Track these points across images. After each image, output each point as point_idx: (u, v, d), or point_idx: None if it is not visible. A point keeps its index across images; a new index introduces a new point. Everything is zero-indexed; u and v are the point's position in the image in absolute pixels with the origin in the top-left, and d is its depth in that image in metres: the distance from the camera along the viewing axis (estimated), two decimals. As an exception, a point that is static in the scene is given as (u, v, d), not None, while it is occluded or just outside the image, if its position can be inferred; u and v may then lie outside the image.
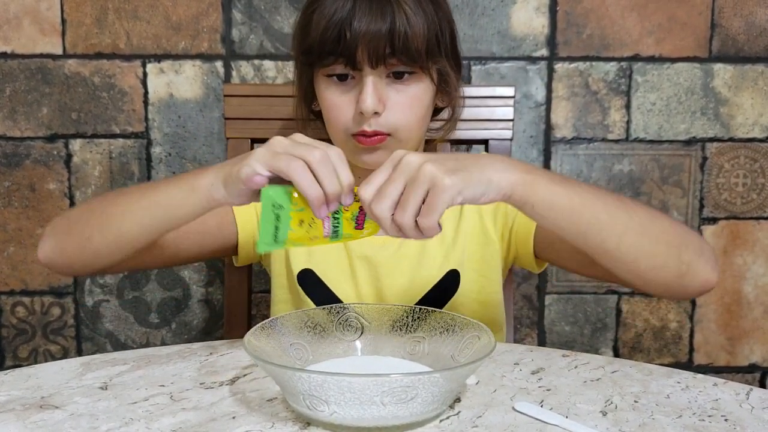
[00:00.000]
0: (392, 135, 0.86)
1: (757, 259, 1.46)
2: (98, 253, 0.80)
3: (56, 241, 0.83)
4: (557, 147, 1.42)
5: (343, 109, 0.86)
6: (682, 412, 0.62)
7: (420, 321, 0.72)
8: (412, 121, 0.87)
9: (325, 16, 0.82)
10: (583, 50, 1.40)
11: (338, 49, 0.82)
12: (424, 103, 0.88)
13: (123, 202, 0.79)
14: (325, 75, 0.87)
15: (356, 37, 0.81)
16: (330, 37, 0.82)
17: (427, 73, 0.86)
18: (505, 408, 0.62)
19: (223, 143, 1.41)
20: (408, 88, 0.86)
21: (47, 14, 1.37)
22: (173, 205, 0.74)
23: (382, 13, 0.81)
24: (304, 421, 0.59)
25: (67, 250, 0.82)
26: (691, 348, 1.48)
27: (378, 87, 0.84)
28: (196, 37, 1.38)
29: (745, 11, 1.39)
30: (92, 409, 0.62)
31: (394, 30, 0.81)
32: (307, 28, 0.86)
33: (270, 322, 0.68)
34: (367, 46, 0.81)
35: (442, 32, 0.87)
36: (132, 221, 0.77)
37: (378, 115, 0.84)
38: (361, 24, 0.81)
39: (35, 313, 1.45)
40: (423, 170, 0.62)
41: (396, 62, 0.83)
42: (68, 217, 0.85)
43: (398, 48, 0.82)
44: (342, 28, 0.81)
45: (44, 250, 0.84)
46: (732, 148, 1.43)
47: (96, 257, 0.81)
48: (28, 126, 1.40)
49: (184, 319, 1.46)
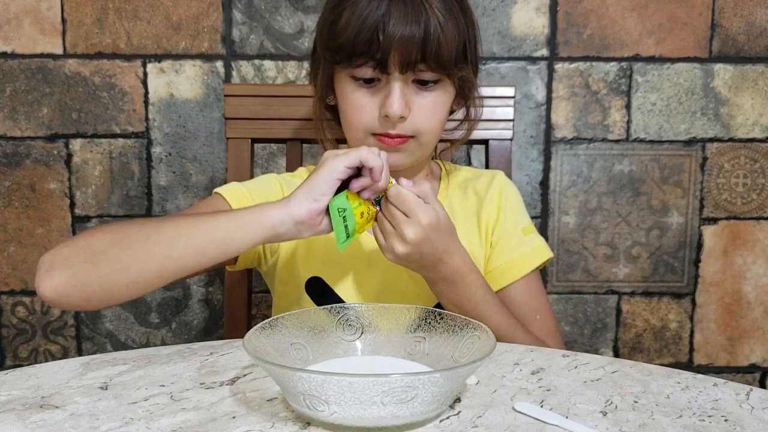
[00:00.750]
0: (414, 138, 0.87)
1: (757, 260, 1.46)
2: (133, 284, 0.73)
3: (74, 273, 0.73)
4: (557, 147, 1.42)
5: (367, 111, 0.86)
6: (682, 413, 0.62)
7: (420, 321, 0.72)
8: (435, 125, 0.88)
9: (358, 17, 0.81)
10: (584, 50, 1.40)
11: (370, 51, 0.81)
12: (446, 107, 0.89)
13: (173, 228, 0.74)
14: (350, 76, 0.86)
15: (389, 41, 0.80)
16: (362, 40, 0.81)
17: (452, 80, 0.86)
18: (505, 408, 0.62)
19: (223, 143, 1.41)
20: (432, 93, 0.86)
21: (48, 14, 1.37)
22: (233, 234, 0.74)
23: (417, 19, 0.80)
24: (304, 421, 0.59)
25: (91, 282, 0.73)
26: (691, 348, 1.48)
27: (405, 92, 0.84)
28: (197, 37, 1.38)
29: (745, 11, 1.39)
30: (92, 408, 0.62)
31: (428, 36, 0.81)
32: (335, 25, 0.84)
33: (270, 322, 0.68)
34: (400, 52, 0.81)
35: (469, 39, 0.87)
36: (185, 247, 0.73)
37: (403, 119, 0.85)
38: (396, 29, 0.80)
39: (35, 313, 1.45)
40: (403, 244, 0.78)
41: (425, 68, 0.83)
42: (88, 245, 0.74)
43: (430, 55, 0.81)
44: (375, 32, 0.80)
45: (54, 284, 0.72)
46: (732, 149, 1.43)
47: (127, 289, 0.74)
48: (28, 126, 1.40)
49: (184, 319, 1.46)
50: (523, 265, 0.94)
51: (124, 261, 0.73)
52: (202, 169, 1.42)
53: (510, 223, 0.96)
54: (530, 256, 0.95)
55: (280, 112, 1.09)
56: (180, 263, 0.74)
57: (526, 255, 0.95)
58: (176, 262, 0.74)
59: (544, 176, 1.43)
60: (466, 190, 0.99)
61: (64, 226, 1.42)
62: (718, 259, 1.46)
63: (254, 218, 0.74)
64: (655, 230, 1.45)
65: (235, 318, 1.11)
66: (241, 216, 0.75)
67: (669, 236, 1.45)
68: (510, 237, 0.95)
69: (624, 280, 1.46)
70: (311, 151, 1.32)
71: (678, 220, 1.45)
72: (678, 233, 1.45)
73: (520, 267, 0.94)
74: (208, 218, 0.75)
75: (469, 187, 0.99)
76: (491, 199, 0.97)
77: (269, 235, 0.75)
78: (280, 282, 0.97)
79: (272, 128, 1.10)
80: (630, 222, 1.44)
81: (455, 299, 0.85)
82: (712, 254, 1.46)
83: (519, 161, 1.42)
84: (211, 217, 0.75)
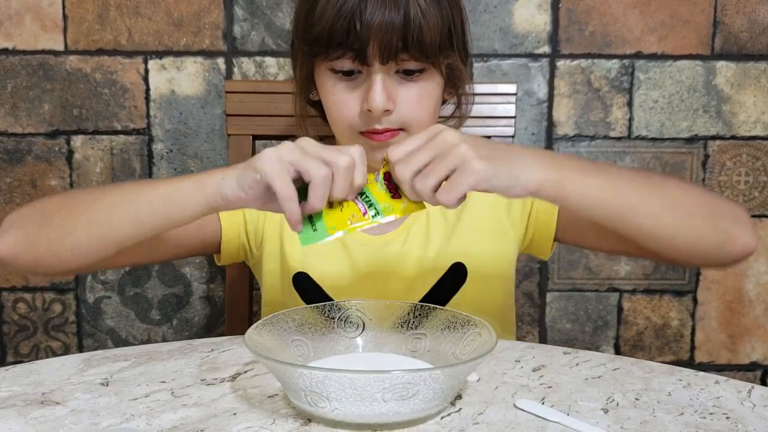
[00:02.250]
0: (404, 131, 0.84)
1: (758, 257, 1.45)
2: (77, 248, 0.73)
3: (25, 234, 0.75)
4: (559, 144, 1.42)
5: (349, 106, 0.83)
6: (683, 410, 0.62)
7: (421, 318, 0.72)
8: (423, 116, 0.84)
9: (334, 5, 0.77)
10: (586, 47, 1.39)
11: (347, 41, 0.77)
12: (434, 98, 0.85)
13: (116, 195, 0.74)
14: (329, 69, 0.83)
15: (367, 29, 0.76)
16: (338, 29, 0.77)
17: (437, 68, 0.82)
18: (506, 405, 0.62)
19: (224, 140, 1.41)
20: (417, 83, 0.82)
21: (49, 10, 1.37)
22: (176, 200, 0.70)
23: (396, 4, 0.76)
24: (305, 417, 0.59)
25: (39, 243, 0.74)
26: (693, 346, 1.48)
27: (387, 84, 0.80)
28: (198, 34, 1.38)
29: (747, 9, 1.39)
30: (93, 405, 0.62)
31: (408, 22, 0.76)
32: (311, 15, 0.80)
33: (271, 319, 0.68)
34: (379, 40, 0.76)
35: (455, 24, 0.83)
36: (126, 215, 0.72)
37: (388, 113, 0.81)
38: (374, 15, 0.76)
39: (36, 310, 1.45)
40: (457, 149, 0.63)
41: (407, 57, 0.79)
42: (42, 207, 0.77)
43: (411, 42, 0.77)
44: (352, 20, 0.76)
45: (6, 243, 0.74)
46: (734, 146, 1.43)
47: (73, 254, 0.74)
48: (29, 122, 1.40)
49: (185, 315, 1.46)
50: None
51: (69, 224, 0.73)
52: (203, 165, 1.42)
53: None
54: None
55: (281, 109, 1.09)
56: (122, 231, 0.73)
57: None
58: (118, 230, 0.72)
59: (546, 173, 1.43)
60: None
61: (65, 223, 1.42)
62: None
63: (192, 193, 0.69)
64: (657, 228, 1.44)
65: (237, 315, 1.11)
66: (179, 187, 0.70)
67: (670, 234, 1.45)
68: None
69: (625, 277, 1.46)
70: (312, 148, 1.32)
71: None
72: (679, 231, 1.45)
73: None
74: (149, 188, 0.72)
75: None
76: None
77: (206, 210, 0.70)
78: (267, 274, 0.94)
79: (273, 125, 1.10)
80: (631, 219, 1.44)
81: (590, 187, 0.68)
82: (714, 252, 1.45)
83: (520, 158, 1.42)
84: (152, 187, 0.72)
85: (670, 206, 0.71)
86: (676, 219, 0.71)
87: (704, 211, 0.73)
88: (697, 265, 0.83)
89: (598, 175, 0.69)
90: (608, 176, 0.69)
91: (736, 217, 0.75)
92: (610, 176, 0.70)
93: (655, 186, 0.72)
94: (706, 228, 0.73)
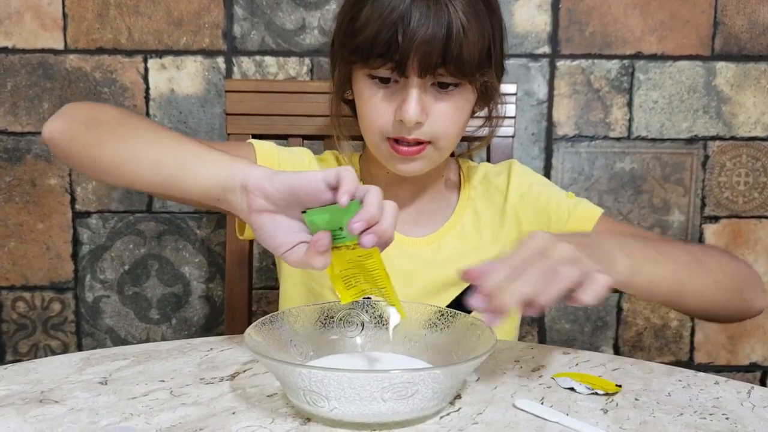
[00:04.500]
0: (432, 143, 0.84)
1: (758, 258, 1.45)
2: (102, 172, 0.75)
3: (70, 128, 0.77)
4: (559, 145, 1.42)
5: (382, 113, 0.83)
6: (683, 411, 0.62)
7: (421, 317, 0.72)
8: (453, 131, 0.85)
9: (378, 16, 0.77)
10: (586, 48, 1.39)
11: (388, 53, 0.78)
12: (466, 112, 0.86)
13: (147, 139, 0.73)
14: (367, 75, 0.83)
15: (409, 43, 0.77)
16: (381, 40, 0.78)
17: (473, 85, 0.83)
18: (505, 405, 0.62)
19: (224, 139, 1.40)
20: (451, 98, 0.83)
21: (49, 9, 1.37)
22: (196, 170, 0.68)
23: (438, 20, 0.76)
24: (305, 416, 0.59)
25: (76, 143, 0.76)
26: (692, 347, 1.48)
27: (422, 97, 0.81)
28: (198, 33, 1.38)
29: (748, 9, 1.39)
30: (92, 403, 0.62)
31: (450, 39, 0.77)
32: (354, 22, 0.81)
33: (271, 318, 0.68)
34: (420, 55, 0.77)
35: (494, 43, 0.83)
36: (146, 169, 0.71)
37: (420, 124, 0.82)
38: (417, 30, 0.76)
39: (35, 309, 1.45)
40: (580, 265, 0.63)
41: (444, 72, 0.80)
42: (92, 111, 0.78)
43: (450, 59, 0.78)
44: (395, 31, 0.77)
45: (53, 127, 0.77)
46: (734, 147, 1.43)
47: (98, 173, 0.76)
48: (29, 121, 1.40)
49: (184, 315, 1.46)
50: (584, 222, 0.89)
51: (97, 151, 0.74)
52: (202, 165, 1.42)
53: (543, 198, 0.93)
54: (586, 212, 0.90)
55: (281, 108, 1.09)
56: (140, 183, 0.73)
57: (582, 213, 0.90)
58: (137, 180, 0.72)
59: (546, 174, 1.43)
60: (488, 187, 0.97)
61: (64, 222, 1.42)
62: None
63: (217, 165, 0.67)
64: (657, 228, 1.44)
65: (236, 314, 1.11)
66: (208, 156, 0.69)
67: (670, 234, 1.45)
68: (557, 207, 0.92)
69: (625, 278, 1.45)
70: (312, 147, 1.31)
71: (679, 219, 1.44)
72: (679, 232, 1.45)
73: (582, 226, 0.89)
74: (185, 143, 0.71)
75: (490, 184, 0.97)
76: (513, 191, 0.95)
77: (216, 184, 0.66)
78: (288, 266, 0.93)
79: (273, 124, 1.10)
80: (631, 220, 1.44)
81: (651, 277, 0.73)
82: (713, 253, 1.45)
83: (520, 159, 1.42)
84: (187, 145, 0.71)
85: (711, 286, 0.77)
86: (714, 296, 0.78)
87: (735, 285, 0.80)
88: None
89: (659, 261, 0.73)
90: (668, 260, 0.73)
91: (756, 284, 0.82)
92: (669, 259, 0.74)
93: (700, 265, 0.77)
94: (734, 300, 0.80)
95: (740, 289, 0.80)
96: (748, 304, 0.81)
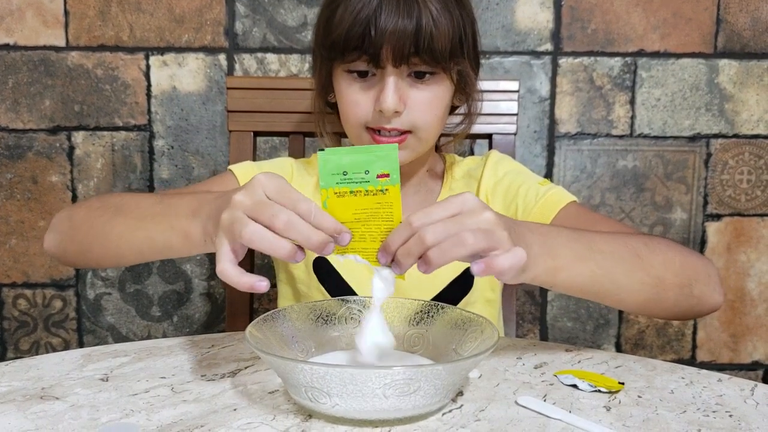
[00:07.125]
0: (412, 133, 0.86)
1: (761, 256, 1.45)
2: (99, 262, 0.83)
3: (59, 241, 0.85)
4: (561, 142, 1.41)
5: (361, 106, 0.86)
6: (686, 408, 0.62)
7: (423, 314, 0.72)
8: (432, 120, 0.87)
9: (351, 12, 0.81)
10: (588, 45, 1.39)
11: (363, 46, 0.81)
12: (444, 102, 0.88)
13: (121, 226, 0.77)
14: (345, 70, 0.86)
15: (382, 35, 0.80)
16: (355, 34, 0.81)
17: (448, 74, 0.85)
18: (507, 402, 0.62)
19: (225, 136, 1.40)
20: (428, 87, 0.85)
21: (50, 6, 1.36)
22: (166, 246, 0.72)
23: (408, 12, 0.80)
24: (306, 413, 0.59)
25: (69, 252, 0.84)
26: (694, 345, 1.48)
27: (399, 86, 0.84)
28: (200, 30, 1.38)
29: (750, 7, 1.38)
30: (93, 400, 0.61)
31: (420, 30, 0.80)
32: (330, 21, 0.85)
33: (272, 314, 0.68)
34: (392, 45, 0.80)
35: (466, 33, 0.86)
36: (129, 248, 0.77)
37: (398, 114, 0.84)
38: (388, 22, 0.80)
39: (37, 306, 1.45)
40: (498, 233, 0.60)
41: (419, 62, 0.83)
42: (71, 218, 0.84)
43: (423, 48, 0.81)
44: (368, 26, 0.80)
45: (48, 245, 0.86)
46: (736, 145, 1.42)
47: (97, 264, 0.84)
48: (30, 118, 1.39)
49: (185, 312, 1.46)
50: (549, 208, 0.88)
51: (87, 243, 0.81)
52: (204, 162, 1.42)
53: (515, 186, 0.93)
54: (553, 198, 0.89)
55: (283, 105, 1.09)
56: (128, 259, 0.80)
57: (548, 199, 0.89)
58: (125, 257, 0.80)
59: (548, 171, 1.42)
60: (469, 180, 0.99)
61: (65, 219, 1.42)
62: (721, 255, 1.45)
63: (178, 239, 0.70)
64: (659, 226, 1.44)
65: (237, 312, 1.11)
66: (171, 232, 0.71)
67: (672, 232, 1.44)
68: (525, 194, 0.91)
69: (627, 276, 1.45)
70: (313, 144, 1.31)
71: (682, 216, 1.44)
72: (681, 229, 1.44)
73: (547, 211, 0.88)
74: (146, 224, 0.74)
75: (471, 176, 0.99)
76: (487, 179, 0.96)
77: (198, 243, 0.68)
78: (284, 264, 0.97)
79: (275, 121, 1.10)
80: (633, 218, 1.44)
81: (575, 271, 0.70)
82: (716, 251, 1.45)
83: (522, 156, 1.42)
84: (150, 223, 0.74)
85: (650, 282, 0.74)
86: (655, 294, 0.74)
87: (681, 280, 0.76)
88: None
89: (589, 258, 0.70)
90: (597, 258, 0.70)
91: (708, 278, 0.78)
92: (599, 255, 0.71)
93: (638, 259, 0.73)
94: (680, 297, 0.76)
95: (688, 285, 0.76)
96: (698, 300, 0.77)
